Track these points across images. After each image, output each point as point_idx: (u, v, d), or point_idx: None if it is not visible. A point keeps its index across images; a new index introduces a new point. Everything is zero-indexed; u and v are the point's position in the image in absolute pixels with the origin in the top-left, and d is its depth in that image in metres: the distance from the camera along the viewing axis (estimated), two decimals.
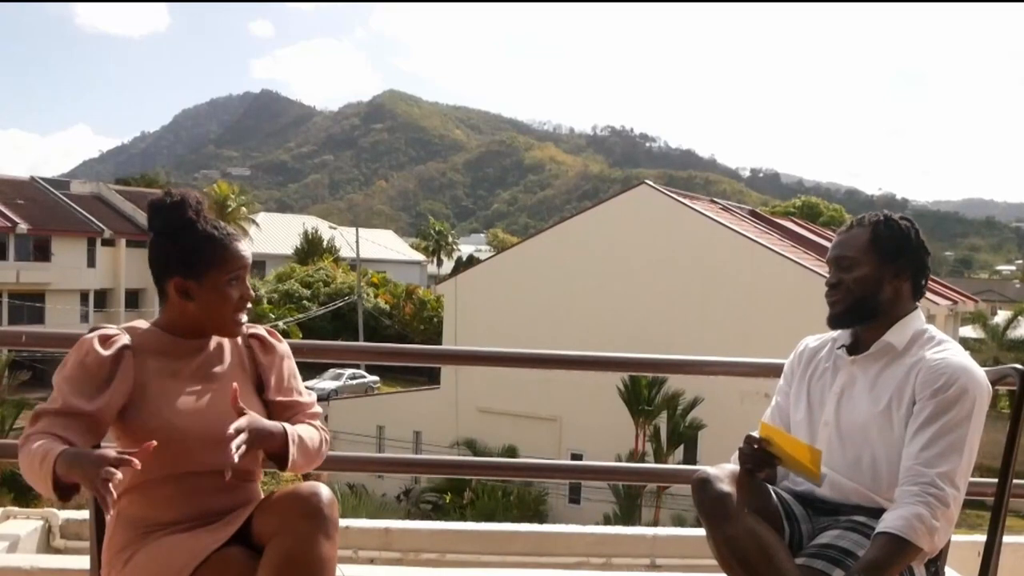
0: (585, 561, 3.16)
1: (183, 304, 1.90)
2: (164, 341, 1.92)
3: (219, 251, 1.89)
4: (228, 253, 1.90)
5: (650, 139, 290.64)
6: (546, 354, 3.38)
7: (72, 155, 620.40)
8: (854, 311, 2.12)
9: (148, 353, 1.89)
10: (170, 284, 1.90)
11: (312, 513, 1.73)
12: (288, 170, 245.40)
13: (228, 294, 1.90)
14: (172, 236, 1.89)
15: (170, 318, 1.93)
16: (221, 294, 1.89)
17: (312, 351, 3.76)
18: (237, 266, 1.91)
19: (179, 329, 1.93)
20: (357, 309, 37.72)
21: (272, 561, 1.70)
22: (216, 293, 1.89)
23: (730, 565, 1.90)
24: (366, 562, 3.04)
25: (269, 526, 1.76)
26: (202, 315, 1.91)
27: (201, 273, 1.88)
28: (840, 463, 2.06)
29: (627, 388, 20.12)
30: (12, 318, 35.62)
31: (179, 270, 1.88)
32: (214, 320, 1.92)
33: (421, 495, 22.09)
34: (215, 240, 1.90)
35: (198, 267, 1.88)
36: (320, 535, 1.72)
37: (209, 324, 1.93)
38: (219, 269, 1.89)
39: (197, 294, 1.89)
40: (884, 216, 2.15)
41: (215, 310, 1.90)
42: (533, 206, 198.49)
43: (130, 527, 1.82)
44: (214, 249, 1.89)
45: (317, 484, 1.80)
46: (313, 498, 1.75)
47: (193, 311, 1.90)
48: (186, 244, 1.88)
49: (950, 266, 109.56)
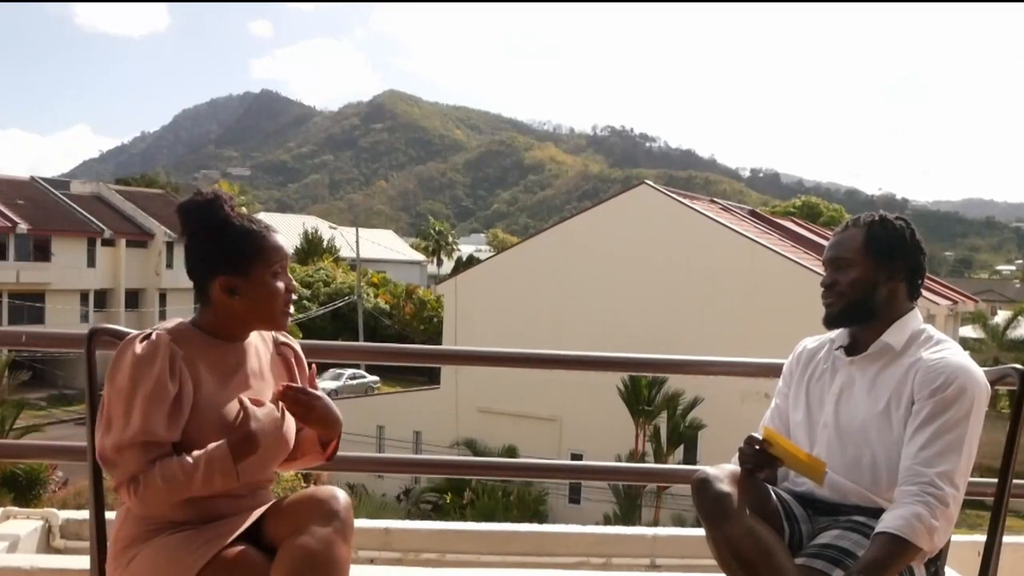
0: (585, 561, 3.16)
1: (230, 302, 1.88)
2: (208, 344, 1.89)
3: (261, 244, 1.89)
4: (269, 245, 1.89)
5: (650, 139, 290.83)
6: (546, 354, 3.38)
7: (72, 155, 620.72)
8: (849, 312, 2.12)
9: (196, 358, 1.85)
10: (215, 284, 1.87)
11: (331, 515, 1.75)
12: (288, 170, 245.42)
13: (275, 287, 1.89)
14: (211, 235, 1.87)
15: (212, 319, 1.90)
16: (268, 288, 1.88)
17: (312, 351, 3.74)
18: (279, 257, 1.90)
19: (221, 330, 1.90)
20: (357, 309, 37.74)
21: (289, 561, 1.70)
22: (263, 287, 1.88)
23: (730, 565, 1.90)
24: (366, 562, 3.04)
25: (285, 527, 1.76)
26: (251, 311, 1.89)
27: (246, 269, 1.86)
28: (839, 464, 2.06)
29: (627, 388, 20.14)
30: (12, 318, 35.61)
31: (223, 268, 1.87)
32: (264, 315, 1.91)
33: (421, 495, 22.10)
34: (255, 234, 1.89)
35: (242, 263, 1.86)
36: (339, 537, 1.74)
37: (259, 320, 1.92)
38: (263, 263, 1.88)
39: (244, 290, 1.87)
40: (879, 216, 2.16)
41: (264, 304, 1.89)
42: (533, 206, 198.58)
43: (137, 524, 1.81)
44: (255, 243, 1.88)
45: (334, 488, 1.82)
46: (332, 501, 1.78)
47: (241, 308, 1.88)
48: (227, 241, 1.87)
49: (950, 266, 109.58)
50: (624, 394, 20.16)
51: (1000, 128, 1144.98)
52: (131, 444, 1.73)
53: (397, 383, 34.93)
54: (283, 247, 1.92)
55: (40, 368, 31.74)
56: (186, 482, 1.73)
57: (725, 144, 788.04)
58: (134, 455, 1.73)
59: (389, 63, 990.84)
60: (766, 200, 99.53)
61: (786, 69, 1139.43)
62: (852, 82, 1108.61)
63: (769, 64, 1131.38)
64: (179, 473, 1.72)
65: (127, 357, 1.78)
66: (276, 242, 1.91)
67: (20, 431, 20.17)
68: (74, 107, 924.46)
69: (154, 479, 1.71)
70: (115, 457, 1.74)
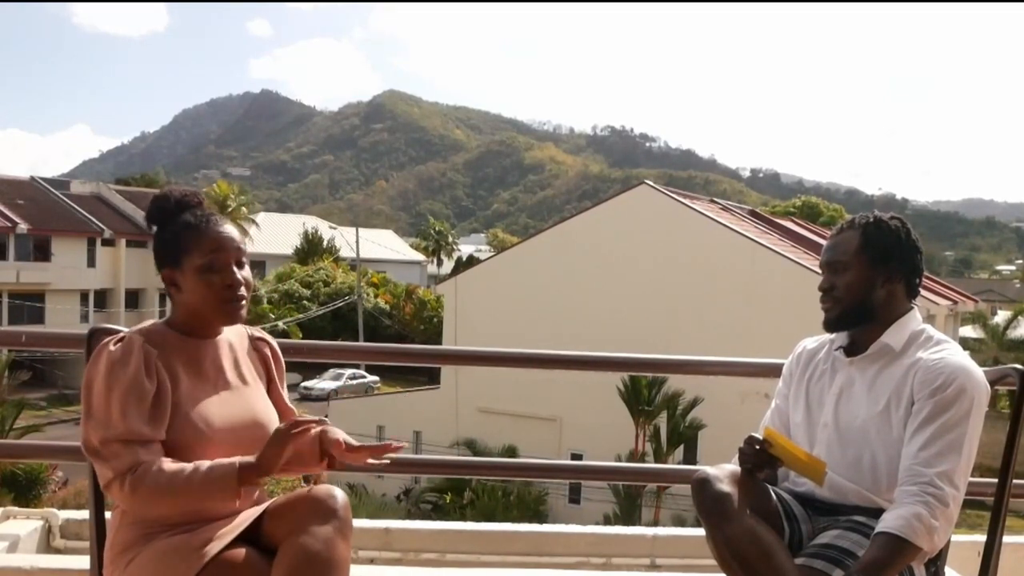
0: (585, 561, 3.16)
1: (177, 296, 1.88)
2: (182, 342, 1.87)
3: (193, 236, 1.86)
4: (203, 237, 1.85)
5: (650, 139, 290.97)
6: (546, 354, 3.38)
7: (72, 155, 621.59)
8: (848, 315, 2.12)
9: (172, 357, 1.84)
10: (164, 278, 1.88)
11: (330, 514, 1.75)
12: (288, 170, 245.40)
13: (209, 279, 1.84)
14: (157, 229, 1.89)
15: (177, 316, 1.90)
16: (202, 280, 1.84)
17: (312, 351, 3.76)
18: (210, 248, 1.84)
19: (190, 327, 1.89)
20: (357, 309, 37.72)
21: (289, 560, 1.70)
22: (196, 280, 1.84)
23: (730, 565, 1.90)
24: (366, 562, 3.04)
25: (283, 528, 1.76)
26: (192, 305, 1.87)
27: (179, 261, 1.85)
28: (839, 464, 2.06)
29: (627, 388, 20.12)
30: (12, 318, 35.62)
31: (165, 262, 1.87)
32: (208, 307, 1.87)
33: (421, 495, 22.09)
34: (190, 226, 1.87)
35: (177, 256, 1.86)
36: (338, 536, 1.74)
37: (207, 312, 1.88)
38: (193, 254, 1.84)
39: (182, 283, 1.86)
40: (874, 217, 2.15)
41: (200, 298, 1.85)
42: (533, 206, 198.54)
43: (134, 528, 1.80)
44: (189, 235, 1.86)
45: (332, 487, 1.81)
46: (331, 500, 1.77)
47: (185, 302, 1.87)
48: (166, 235, 1.87)
49: (950, 266, 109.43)
50: (624, 394, 20.15)
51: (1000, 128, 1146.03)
52: (116, 440, 1.72)
53: (397, 383, 34.91)
54: (223, 238, 1.86)
55: (40, 368, 31.72)
56: (185, 488, 1.71)
57: (725, 144, 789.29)
58: (121, 451, 1.72)
59: (389, 63, 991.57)
60: (766, 200, 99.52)
61: (786, 69, 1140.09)
62: (852, 82, 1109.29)
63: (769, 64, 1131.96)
64: (180, 478, 1.71)
65: (101, 361, 1.77)
66: (214, 232, 1.86)
67: (20, 431, 20.18)
68: (74, 107, 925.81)
69: (153, 477, 1.70)
70: (105, 451, 1.73)
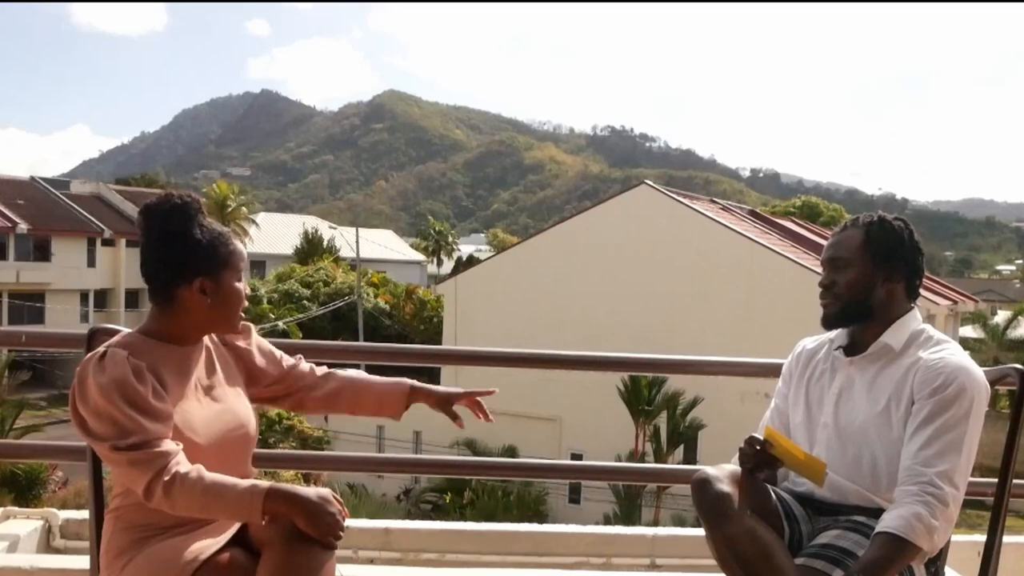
0: (585, 561, 3.16)
1: (201, 305, 1.86)
2: (164, 350, 1.86)
3: (229, 248, 1.91)
4: (236, 249, 1.92)
5: (650, 139, 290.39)
6: (546, 354, 3.38)
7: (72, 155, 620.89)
8: (847, 312, 2.13)
9: (157, 366, 1.82)
10: (188, 286, 1.84)
11: None
12: (288, 170, 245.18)
13: (240, 290, 1.92)
14: (184, 238, 1.85)
15: (169, 324, 1.88)
16: (235, 291, 1.91)
17: (312, 351, 3.75)
18: (242, 260, 1.93)
19: (177, 335, 1.88)
20: (357, 309, 37.70)
21: (275, 560, 1.70)
22: (231, 290, 1.90)
23: (730, 565, 1.90)
24: (366, 562, 3.04)
25: (269, 529, 1.75)
26: (217, 313, 1.89)
27: (218, 272, 1.88)
28: (839, 464, 2.06)
29: (627, 388, 20.12)
30: (12, 318, 35.63)
31: (200, 271, 1.86)
32: (227, 317, 1.93)
33: (421, 495, 22.08)
34: (224, 237, 1.90)
35: (216, 266, 1.88)
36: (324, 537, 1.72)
37: (220, 321, 1.93)
38: (231, 266, 1.91)
39: (214, 293, 1.87)
40: (878, 217, 2.16)
41: (231, 307, 1.91)
42: (533, 206, 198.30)
43: (128, 532, 1.81)
44: (225, 246, 1.90)
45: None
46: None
47: (209, 310, 1.88)
48: (203, 245, 1.86)
49: (950, 266, 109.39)
50: (624, 394, 20.14)
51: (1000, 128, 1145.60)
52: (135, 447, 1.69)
53: None
54: (244, 252, 1.96)
55: (40, 368, 31.74)
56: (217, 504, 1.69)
57: (725, 144, 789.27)
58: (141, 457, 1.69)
59: (389, 63, 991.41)
60: (766, 200, 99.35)
61: (786, 69, 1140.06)
62: (852, 82, 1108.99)
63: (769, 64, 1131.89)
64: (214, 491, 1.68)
65: (89, 379, 1.74)
66: (239, 247, 1.94)
67: (20, 431, 20.15)
68: (74, 107, 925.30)
69: (191, 485, 1.68)
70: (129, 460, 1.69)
